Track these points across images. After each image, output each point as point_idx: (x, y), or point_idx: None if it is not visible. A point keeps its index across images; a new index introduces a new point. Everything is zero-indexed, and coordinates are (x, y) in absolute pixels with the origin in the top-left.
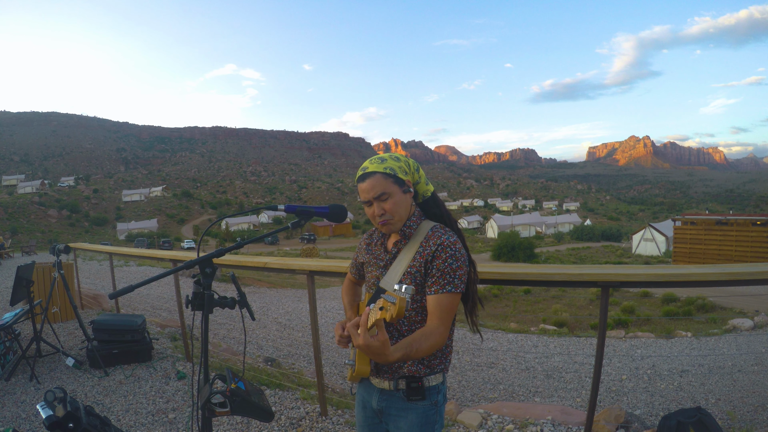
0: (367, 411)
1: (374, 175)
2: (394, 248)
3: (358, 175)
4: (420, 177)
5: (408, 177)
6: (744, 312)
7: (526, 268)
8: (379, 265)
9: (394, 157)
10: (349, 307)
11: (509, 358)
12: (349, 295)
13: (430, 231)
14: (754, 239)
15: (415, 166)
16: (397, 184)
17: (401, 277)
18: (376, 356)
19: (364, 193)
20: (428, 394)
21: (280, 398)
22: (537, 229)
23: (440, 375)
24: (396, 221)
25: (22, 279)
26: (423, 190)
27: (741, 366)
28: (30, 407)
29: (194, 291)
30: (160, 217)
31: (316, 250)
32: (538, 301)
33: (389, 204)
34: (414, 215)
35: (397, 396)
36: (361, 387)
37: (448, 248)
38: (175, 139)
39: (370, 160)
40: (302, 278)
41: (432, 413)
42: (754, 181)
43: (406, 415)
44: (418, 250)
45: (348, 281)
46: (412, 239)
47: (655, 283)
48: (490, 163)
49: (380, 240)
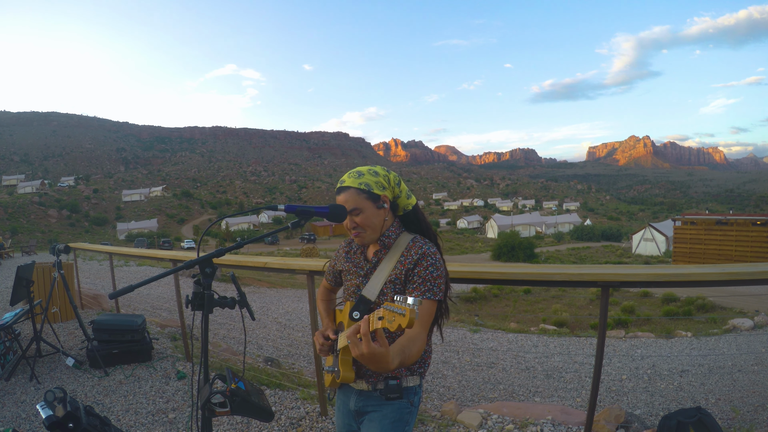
0: (345, 416)
1: (348, 189)
2: (375, 258)
3: (336, 187)
4: (401, 191)
5: (385, 192)
6: (744, 312)
7: (526, 268)
8: (360, 273)
9: (372, 172)
10: (326, 315)
11: (509, 358)
12: (325, 302)
13: (410, 242)
14: (754, 239)
15: (395, 181)
16: (371, 199)
17: (383, 286)
18: (378, 364)
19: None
20: (405, 394)
21: (280, 398)
22: (537, 229)
23: (418, 377)
24: (368, 234)
25: (22, 279)
26: (404, 203)
27: (741, 366)
28: (30, 407)
29: (194, 291)
30: (160, 217)
31: (316, 250)
32: (538, 301)
33: (360, 218)
34: (393, 226)
35: (375, 395)
36: (339, 392)
37: (430, 257)
38: (175, 139)
39: (349, 173)
40: (302, 278)
41: (406, 412)
42: (754, 181)
43: (380, 409)
44: (399, 259)
45: (323, 288)
46: (392, 249)
47: (655, 283)
48: (490, 163)
49: (360, 249)
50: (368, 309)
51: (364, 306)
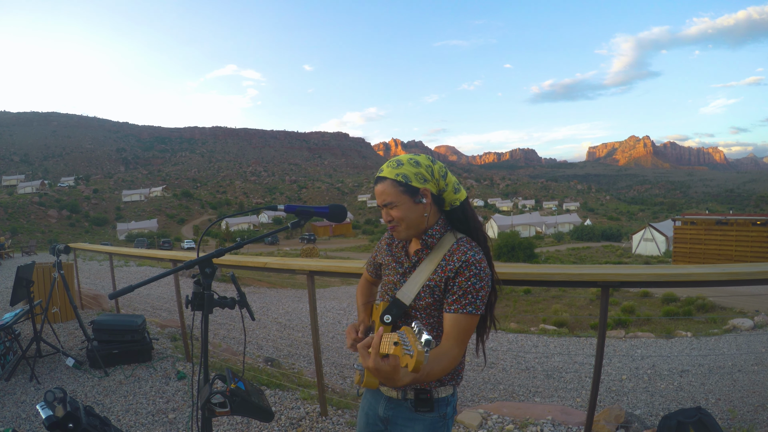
0: (369, 418)
1: (385, 180)
2: (415, 257)
3: (375, 176)
4: (447, 184)
5: (427, 185)
6: (744, 312)
7: (526, 268)
8: (398, 271)
9: (413, 162)
10: (363, 309)
11: (509, 358)
12: (364, 296)
13: (455, 244)
14: (754, 239)
15: (441, 173)
16: (408, 193)
17: (420, 290)
18: (385, 381)
19: (376, 196)
20: (437, 406)
21: (280, 398)
22: (537, 229)
23: (450, 387)
24: (403, 229)
25: (22, 279)
26: (451, 198)
27: (741, 366)
28: (30, 407)
29: (194, 291)
30: (160, 217)
31: (316, 250)
32: (538, 301)
33: (396, 212)
34: (437, 224)
35: (405, 406)
36: (367, 392)
37: (473, 266)
38: (175, 139)
39: (389, 162)
40: (302, 278)
41: (440, 426)
42: (754, 181)
43: (412, 425)
44: (440, 263)
45: (364, 280)
46: (434, 250)
47: (655, 283)
48: (490, 163)
49: (401, 243)
50: (402, 313)
51: (398, 310)
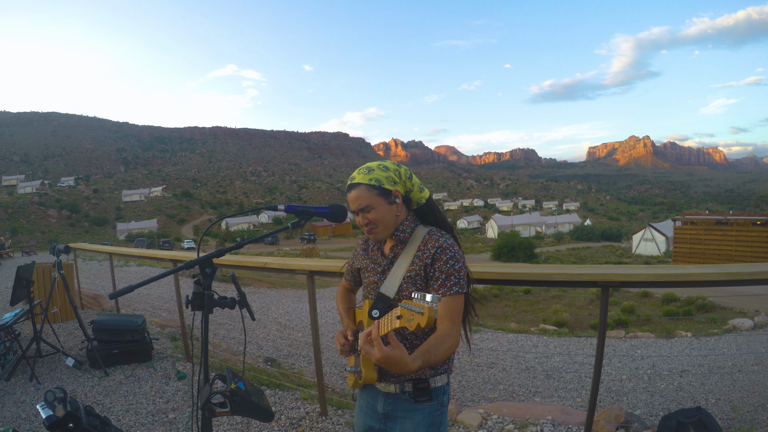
0: (368, 417)
1: (359, 186)
2: (391, 253)
3: (347, 185)
4: (413, 185)
5: (397, 186)
6: (744, 312)
7: (526, 268)
8: (377, 270)
9: (382, 167)
10: (346, 315)
11: (509, 358)
12: (344, 303)
13: (426, 235)
14: (754, 239)
15: (407, 175)
16: (382, 195)
17: (401, 282)
18: (395, 367)
19: (350, 203)
20: (435, 395)
21: (280, 398)
22: (537, 229)
23: (445, 376)
24: (381, 230)
25: (22, 279)
26: (417, 197)
27: (741, 366)
28: (30, 407)
29: (194, 291)
30: (160, 217)
31: (316, 250)
32: (538, 301)
33: (373, 215)
34: (407, 220)
35: (403, 398)
36: (363, 392)
37: (448, 250)
38: (175, 139)
39: (359, 170)
40: (302, 278)
41: (438, 413)
42: (754, 181)
43: (412, 416)
44: (417, 254)
45: (342, 288)
46: (408, 244)
47: (655, 283)
48: (490, 163)
49: (377, 245)
50: (387, 306)
51: (383, 303)
